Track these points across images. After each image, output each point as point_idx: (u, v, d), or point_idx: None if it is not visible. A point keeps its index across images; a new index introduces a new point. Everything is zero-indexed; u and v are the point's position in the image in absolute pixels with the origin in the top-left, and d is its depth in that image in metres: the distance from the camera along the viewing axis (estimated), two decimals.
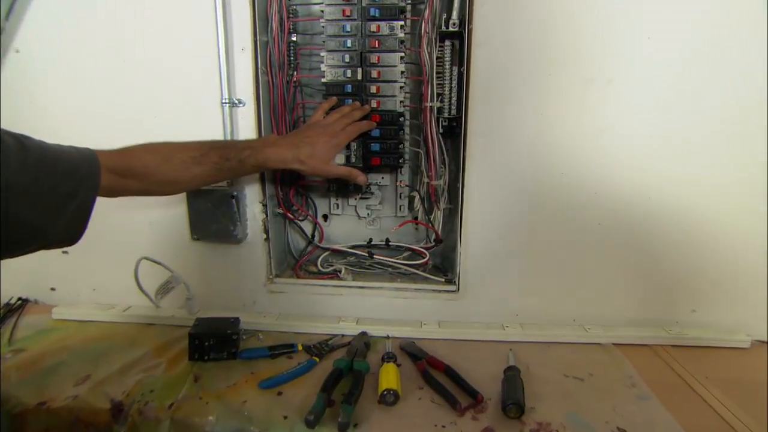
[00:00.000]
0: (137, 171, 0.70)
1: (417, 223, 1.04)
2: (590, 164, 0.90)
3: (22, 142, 0.54)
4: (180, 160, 0.72)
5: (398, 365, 0.83)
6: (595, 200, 0.92)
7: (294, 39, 0.98)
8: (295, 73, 0.99)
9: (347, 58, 0.92)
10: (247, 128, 0.94)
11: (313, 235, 1.08)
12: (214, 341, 0.86)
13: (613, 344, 0.93)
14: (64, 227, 0.58)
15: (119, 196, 0.72)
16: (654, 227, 0.92)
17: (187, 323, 0.94)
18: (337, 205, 1.08)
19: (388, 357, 0.84)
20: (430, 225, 0.99)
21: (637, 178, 0.90)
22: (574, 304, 0.98)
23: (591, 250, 0.94)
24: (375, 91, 0.92)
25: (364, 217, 1.08)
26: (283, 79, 0.96)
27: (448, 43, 0.93)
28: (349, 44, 0.91)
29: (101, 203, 0.66)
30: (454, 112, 0.95)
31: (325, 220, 1.11)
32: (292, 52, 0.98)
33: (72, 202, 0.58)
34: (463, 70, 0.89)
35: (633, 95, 0.86)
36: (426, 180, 0.98)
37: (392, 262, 1.02)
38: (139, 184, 0.71)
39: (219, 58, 0.90)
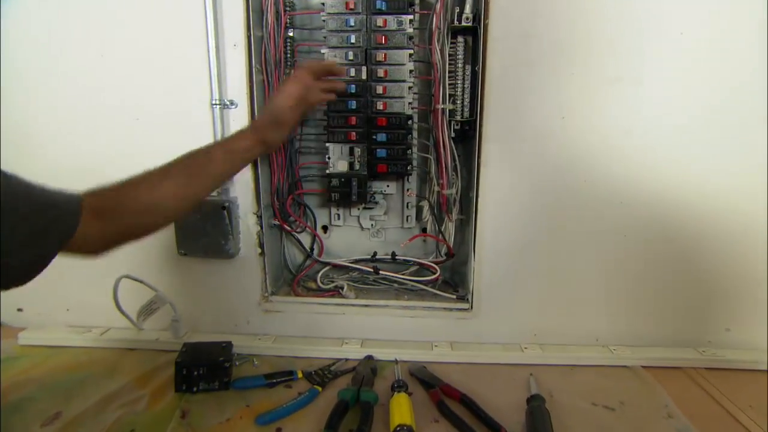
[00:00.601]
0: (118, 205, 0.59)
1: (427, 237, 0.97)
2: (616, 171, 0.84)
3: None
4: (147, 181, 0.62)
5: (410, 394, 0.76)
6: (620, 210, 0.86)
7: (291, 34, 0.91)
8: (292, 71, 0.91)
9: (351, 56, 0.85)
10: None
11: (311, 249, 1.01)
12: (203, 370, 0.78)
13: (642, 367, 0.86)
14: (20, 267, 0.49)
15: (108, 247, 0.59)
16: (684, 239, 0.86)
17: (173, 348, 0.86)
18: (338, 215, 1.01)
19: (399, 385, 0.77)
20: (441, 238, 0.92)
21: (667, 187, 0.84)
22: (598, 323, 0.92)
23: (616, 264, 0.88)
24: (381, 92, 0.86)
25: (368, 229, 1.01)
26: (279, 78, 0.89)
27: (461, 39, 0.87)
28: (352, 40, 0.85)
29: None
30: (467, 114, 0.88)
31: (325, 232, 1.04)
32: (289, 48, 0.91)
33: (39, 241, 0.49)
34: (478, 68, 0.83)
35: (664, 96, 0.81)
36: (436, 188, 0.91)
37: (399, 277, 0.95)
38: (119, 221, 0.59)
39: (208, 54, 0.83)
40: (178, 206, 0.63)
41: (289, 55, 0.91)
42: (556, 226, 0.87)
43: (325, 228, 1.04)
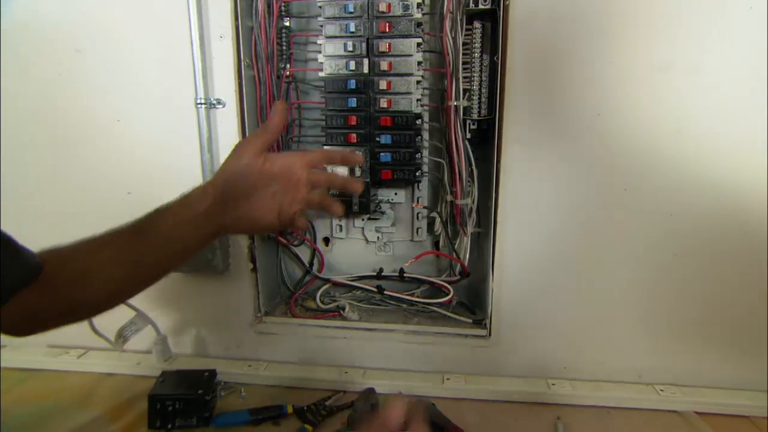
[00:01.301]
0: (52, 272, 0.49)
1: (438, 254, 0.86)
2: (664, 178, 0.73)
3: None
4: (86, 244, 0.51)
5: None
6: (669, 224, 0.74)
7: (287, 24, 0.83)
8: (287, 65, 0.83)
9: (350, 47, 0.76)
10: (228, 134, 0.80)
11: (311, 263, 0.92)
12: (180, 404, 0.71)
13: (696, 413, 0.74)
14: None
15: (37, 325, 0.51)
16: (747, 258, 0.73)
17: (154, 373, 0.80)
18: (340, 226, 0.92)
19: None
20: (454, 256, 0.82)
21: (729, 197, 0.71)
22: (641, 356, 0.80)
23: (662, 287, 0.77)
24: (385, 88, 0.77)
25: (373, 242, 0.92)
26: (272, 74, 0.81)
27: (477, 25, 0.76)
28: (352, 28, 0.76)
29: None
30: (485, 112, 0.78)
31: (327, 245, 0.95)
32: (284, 40, 0.83)
33: None
34: (497, 58, 0.73)
35: (726, 88, 0.69)
36: (449, 198, 0.81)
37: (407, 298, 0.85)
38: (52, 293, 0.49)
39: (192, 48, 0.77)
40: (121, 276, 0.51)
41: (284, 47, 0.83)
42: (591, 241, 0.77)
43: (326, 240, 0.95)
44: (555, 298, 0.79)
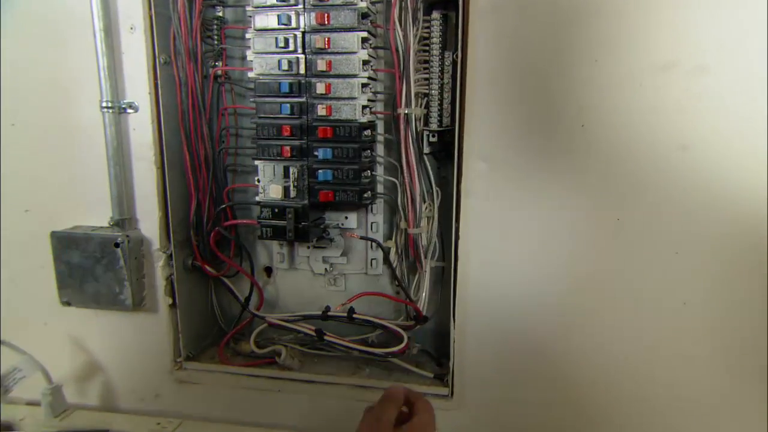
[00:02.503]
0: None
1: (379, 296, 0.75)
2: (667, 203, 0.61)
3: None
4: None
5: None
6: (677, 262, 0.62)
7: (219, 14, 0.73)
8: (218, 63, 0.73)
9: (281, 42, 0.66)
10: (142, 144, 0.72)
11: (248, 298, 0.81)
12: None
13: None
14: None
15: None
16: None
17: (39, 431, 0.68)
18: (282, 255, 0.80)
19: None
20: (405, 299, 0.70)
21: (749, 227, 0.58)
22: None
23: (673, 340, 0.64)
24: (324, 92, 0.67)
25: (321, 274, 0.80)
26: (197, 73, 0.71)
27: (436, 15, 0.66)
28: (284, 20, 0.65)
29: None
30: (447, 122, 0.66)
31: (269, 276, 0.84)
32: (215, 32, 0.73)
33: None
34: (456, 56, 0.63)
35: (742, 90, 0.56)
36: (403, 226, 0.69)
37: (348, 345, 0.73)
38: None
39: (96, 40, 0.68)
40: None
41: (216, 41, 0.73)
42: (575, 280, 0.65)
43: (268, 270, 0.84)
44: (533, 350, 0.67)
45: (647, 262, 0.62)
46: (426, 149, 0.70)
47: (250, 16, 0.68)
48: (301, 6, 0.66)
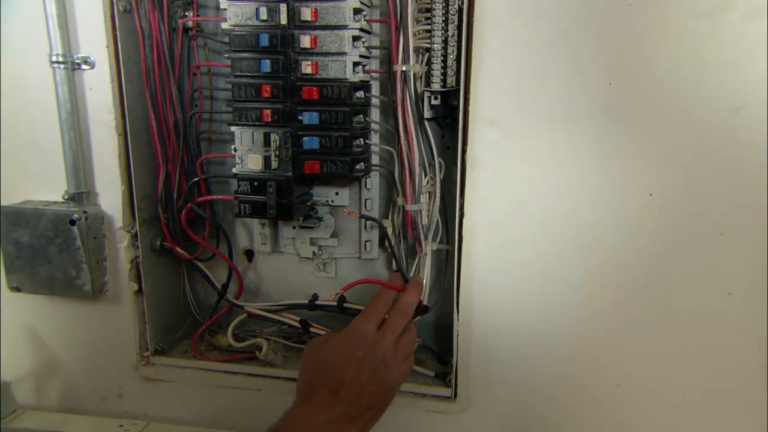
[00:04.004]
0: None
1: (382, 284, 0.70)
2: (711, 181, 0.56)
3: None
4: None
5: None
6: (720, 245, 0.57)
7: None
8: (189, 14, 0.68)
9: None
10: (100, 106, 0.68)
11: (225, 285, 0.77)
12: None
13: None
14: None
15: None
16: None
17: None
18: (263, 236, 0.75)
19: None
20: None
21: None
22: None
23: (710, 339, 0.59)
24: (309, 46, 0.62)
25: (308, 258, 0.75)
26: (162, 24, 0.66)
27: None
28: None
29: None
30: (453, 81, 0.61)
31: (249, 260, 0.80)
32: None
33: None
34: (462, 2, 0.58)
35: None
36: (401, 202, 0.64)
37: None
38: None
39: None
40: None
41: None
42: (600, 269, 0.60)
43: (249, 254, 0.80)
44: (549, 345, 0.64)
45: (686, 243, 0.57)
46: (427, 113, 0.65)
47: None
48: None
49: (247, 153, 0.67)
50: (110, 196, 0.70)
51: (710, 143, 0.54)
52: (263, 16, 0.62)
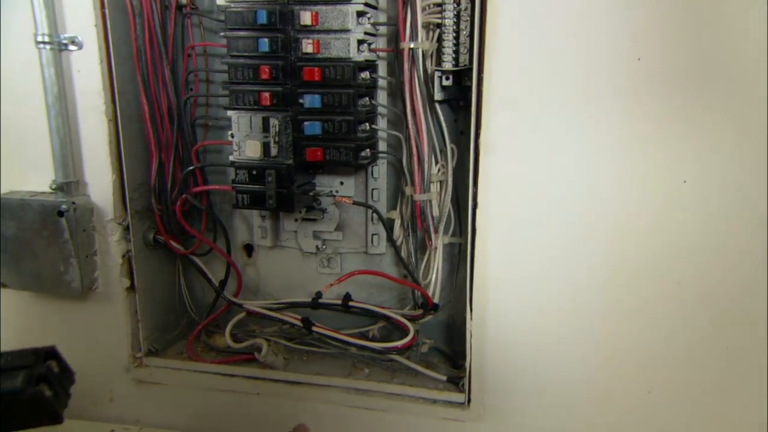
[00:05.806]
0: None
1: (382, 277, 0.71)
2: (754, 159, 0.55)
3: None
4: None
5: None
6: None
7: None
8: None
9: None
10: (89, 90, 0.69)
11: (223, 282, 0.78)
12: None
13: None
14: None
15: None
16: None
17: None
18: (264, 229, 0.77)
19: None
20: (408, 280, 0.65)
21: None
22: None
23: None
24: (310, 23, 0.63)
25: (311, 253, 0.76)
26: (154, 1, 0.69)
27: None
28: None
29: None
30: (465, 60, 0.61)
31: (249, 255, 0.81)
32: None
33: None
34: None
35: None
36: (409, 192, 0.64)
37: (342, 338, 0.71)
38: None
39: None
40: None
41: None
42: (625, 265, 0.60)
43: (248, 249, 0.81)
44: (570, 348, 0.64)
45: (720, 235, 0.57)
46: (438, 95, 0.65)
47: None
48: None
49: (245, 139, 0.68)
50: (100, 186, 0.71)
51: (749, 122, 0.54)
52: None
